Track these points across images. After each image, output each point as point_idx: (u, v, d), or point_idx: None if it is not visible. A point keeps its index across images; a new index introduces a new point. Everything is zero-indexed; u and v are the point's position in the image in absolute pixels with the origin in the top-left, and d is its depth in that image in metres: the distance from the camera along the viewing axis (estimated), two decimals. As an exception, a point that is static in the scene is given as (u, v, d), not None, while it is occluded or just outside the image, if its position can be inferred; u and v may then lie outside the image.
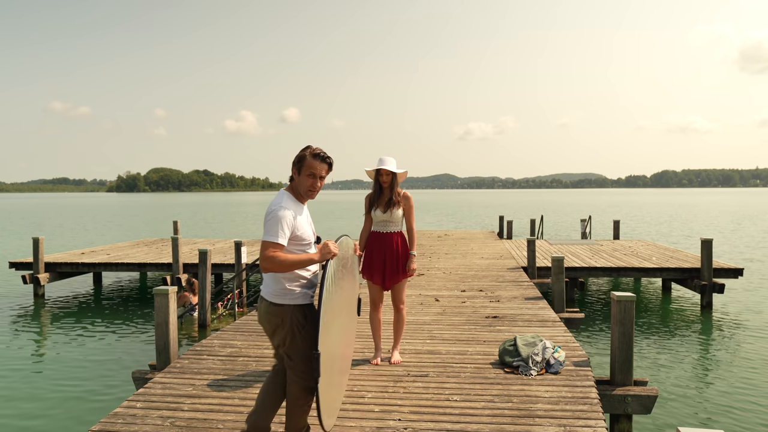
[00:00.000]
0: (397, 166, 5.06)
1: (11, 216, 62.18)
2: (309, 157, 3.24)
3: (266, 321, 3.25)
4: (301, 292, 3.25)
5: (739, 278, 12.90)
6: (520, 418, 3.94)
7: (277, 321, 3.20)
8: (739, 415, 6.51)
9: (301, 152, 3.26)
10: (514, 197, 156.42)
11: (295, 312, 3.20)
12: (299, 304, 3.23)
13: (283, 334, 3.20)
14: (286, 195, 3.26)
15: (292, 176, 3.30)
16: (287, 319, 3.19)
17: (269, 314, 3.21)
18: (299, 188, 3.29)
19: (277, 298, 3.21)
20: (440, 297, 8.41)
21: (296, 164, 3.27)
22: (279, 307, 3.20)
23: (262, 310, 3.28)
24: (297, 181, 3.29)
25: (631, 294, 5.09)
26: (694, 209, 66.72)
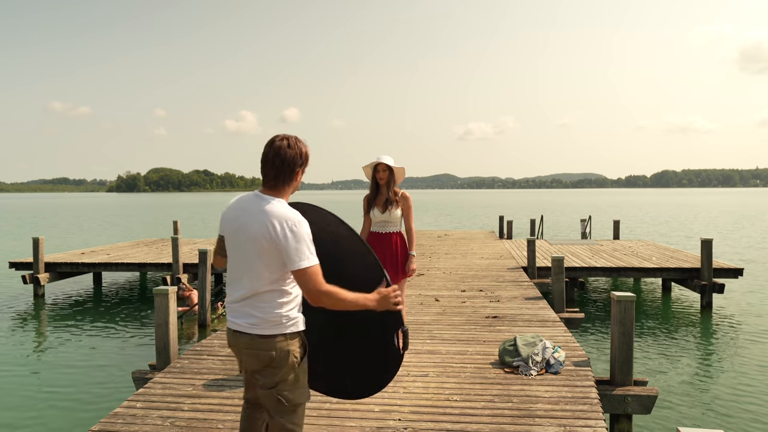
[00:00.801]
0: (395, 164, 5.05)
1: (11, 216, 62.18)
2: (309, 150, 2.69)
3: (254, 357, 2.57)
4: (300, 316, 2.65)
5: (739, 278, 12.90)
6: (520, 418, 3.94)
7: (271, 356, 2.54)
8: (739, 415, 6.51)
9: (302, 147, 2.64)
10: (514, 197, 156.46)
11: (296, 342, 2.60)
12: (299, 330, 2.63)
13: (281, 372, 2.55)
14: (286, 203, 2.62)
15: (291, 179, 2.62)
16: (287, 353, 2.55)
17: (261, 349, 2.54)
18: (293, 190, 2.69)
19: (273, 328, 2.55)
20: (440, 297, 8.41)
21: (304, 163, 2.66)
22: (276, 339, 2.54)
23: (243, 343, 2.58)
24: (298, 183, 2.68)
25: (631, 294, 5.09)
26: (694, 209, 66.73)
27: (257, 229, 2.48)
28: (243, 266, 2.55)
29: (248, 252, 2.52)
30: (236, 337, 2.59)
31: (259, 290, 2.52)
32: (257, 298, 2.53)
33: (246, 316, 2.56)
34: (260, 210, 2.51)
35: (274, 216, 2.47)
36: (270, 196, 2.57)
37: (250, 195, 2.62)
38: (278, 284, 2.52)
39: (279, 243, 2.44)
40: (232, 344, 2.63)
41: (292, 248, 2.43)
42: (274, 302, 2.53)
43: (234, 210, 2.62)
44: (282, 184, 2.60)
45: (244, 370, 2.70)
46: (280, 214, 2.47)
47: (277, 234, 2.44)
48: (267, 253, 2.47)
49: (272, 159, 2.57)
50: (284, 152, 2.57)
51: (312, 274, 2.45)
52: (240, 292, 2.57)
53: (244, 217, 2.55)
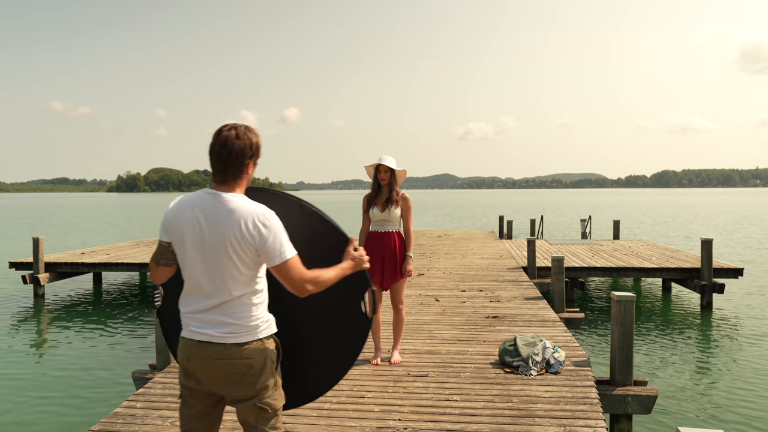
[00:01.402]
0: (397, 165, 5.06)
1: (11, 216, 62.18)
2: (261, 141, 2.46)
3: (228, 367, 2.34)
4: (272, 316, 2.49)
5: (739, 278, 12.90)
6: (520, 418, 3.94)
7: (250, 364, 2.35)
8: (739, 415, 6.51)
9: (252, 137, 2.41)
10: (514, 197, 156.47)
11: (272, 345, 2.43)
12: (273, 332, 2.46)
13: (262, 379, 2.37)
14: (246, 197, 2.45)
15: (241, 173, 2.39)
16: (266, 358, 2.38)
17: (237, 358, 2.33)
18: (247, 184, 2.48)
19: (249, 334, 2.35)
20: (440, 297, 8.41)
21: (255, 155, 2.43)
22: (252, 345, 2.35)
23: (213, 354, 2.33)
24: (250, 176, 2.46)
25: (631, 294, 5.09)
26: (694, 209, 66.74)
27: (226, 230, 2.28)
28: (210, 272, 2.32)
29: (217, 257, 2.30)
30: (203, 348, 2.33)
31: (232, 295, 2.32)
32: (230, 305, 2.33)
33: (217, 325, 2.33)
34: (224, 209, 2.30)
35: (241, 213, 2.28)
36: (227, 193, 2.35)
37: (202, 194, 2.37)
38: (250, 286, 2.35)
39: (253, 241, 2.27)
40: (196, 357, 2.35)
41: (269, 244, 2.28)
42: (248, 306, 2.35)
43: (187, 212, 2.36)
44: (232, 178, 2.37)
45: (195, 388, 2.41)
46: (248, 210, 2.29)
47: (249, 232, 2.27)
48: (239, 255, 2.29)
49: (219, 151, 2.35)
50: (232, 143, 2.34)
51: (293, 265, 2.32)
52: (208, 301, 2.34)
53: (205, 219, 2.32)
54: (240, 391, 2.37)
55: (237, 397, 2.39)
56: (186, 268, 2.38)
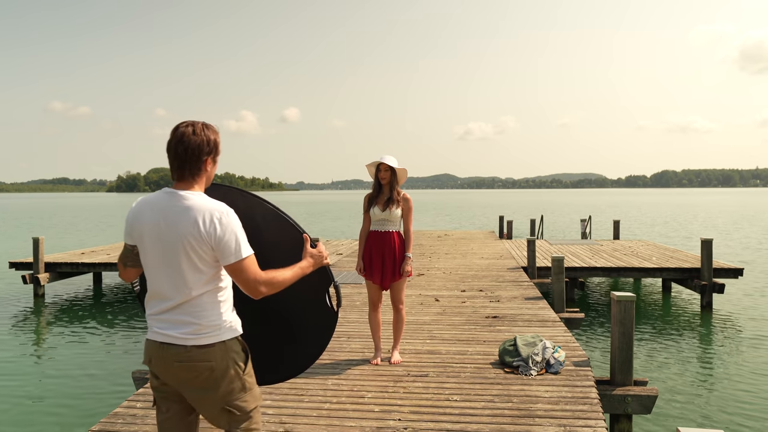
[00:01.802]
0: (398, 165, 5.05)
1: (11, 216, 62.17)
2: (219, 137, 2.42)
3: (189, 370, 2.28)
4: (236, 317, 2.42)
5: (739, 278, 12.90)
6: (520, 418, 3.94)
7: (212, 367, 2.29)
8: (739, 415, 6.51)
9: (210, 134, 2.36)
10: (514, 197, 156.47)
11: (236, 347, 2.36)
12: (238, 334, 2.39)
13: (226, 383, 2.31)
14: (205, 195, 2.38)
15: (199, 170, 2.34)
16: (229, 361, 2.31)
17: (198, 361, 2.27)
18: (207, 182, 2.43)
19: (211, 336, 2.29)
20: (440, 297, 8.41)
21: (213, 152, 2.37)
22: (214, 347, 2.29)
23: (174, 356, 2.27)
24: (210, 173, 2.41)
25: (631, 294, 5.09)
26: (694, 209, 66.73)
27: (182, 228, 2.24)
28: (170, 272, 2.28)
29: (175, 256, 2.25)
30: (164, 349, 2.28)
31: (193, 295, 2.27)
32: (191, 304, 2.27)
33: (179, 326, 2.27)
34: (181, 207, 2.26)
35: (198, 210, 2.24)
36: (184, 191, 2.30)
37: (161, 194, 2.33)
38: (212, 284, 2.30)
39: (210, 238, 2.22)
40: (157, 358, 2.30)
41: (223, 241, 2.22)
42: (210, 306, 2.29)
43: (146, 213, 2.32)
44: (190, 175, 2.32)
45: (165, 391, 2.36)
46: (205, 207, 2.25)
47: (206, 229, 2.22)
48: (197, 253, 2.24)
49: (175, 148, 2.30)
50: (188, 140, 2.29)
51: (248, 265, 2.26)
52: (169, 301, 2.28)
53: (163, 218, 2.28)
54: (203, 395, 2.31)
55: (201, 401, 2.33)
56: (147, 269, 2.34)
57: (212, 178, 2.45)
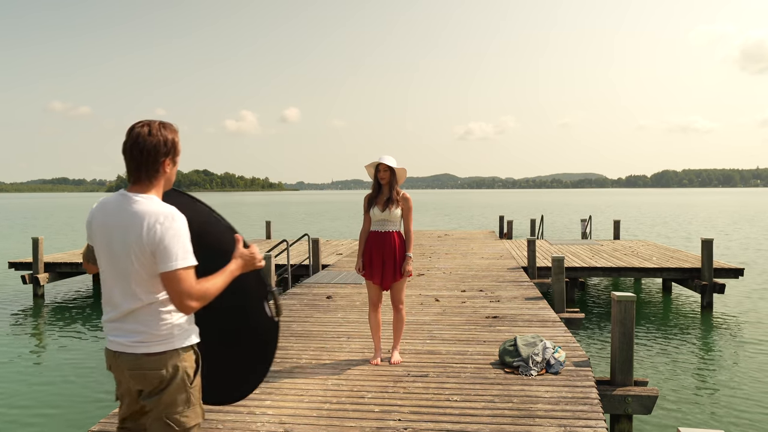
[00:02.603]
0: (397, 165, 5.05)
1: (10, 216, 62.16)
2: (178, 137, 2.33)
3: (140, 378, 2.23)
4: (194, 326, 2.34)
5: (739, 278, 12.90)
6: (520, 418, 3.93)
7: (161, 375, 2.21)
8: (740, 415, 6.50)
9: (167, 134, 2.27)
10: (515, 197, 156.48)
11: (189, 357, 2.28)
12: (193, 343, 2.32)
13: (171, 393, 2.22)
14: (158, 198, 2.28)
15: (156, 172, 2.26)
16: (178, 370, 2.23)
17: (148, 369, 2.21)
18: (167, 184, 2.35)
19: (162, 344, 2.21)
20: (440, 297, 8.41)
21: (171, 152, 2.28)
22: (165, 355, 2.22)
23: (126, 364, 2.23)
24: (170, 174, 2.33)
25: (631, 294, 5.08)
26: (695, 209, 66.73)
27: (129, 233, 2.16)
28: (119, 278, 2.21)
29: (122, 261, 2.18)
30: (117, 357, 2.24)
31: (142, 303, 2.19)
32: (141, 312, 2.20)
33: (129, 334, 2.21)
34: (129, 212, 2.18)
35: (143, 215, 2.15)
36: (137, 194, 2.22)
37: (116, 196, 2.27)
38: (162, 292, 2.21)
39: (150, 243, 2.12)
40: (113, 366, 2.29)
41: (162, 246, 2.11)
42: (160, 313, 2.20)
43: (100, 215, 2.27)
44: (146, 177, 2.23)
45: (127, 393, 2.35)
46: (151, 211, 2.15)
47: (147, 234, 2.12)
48: (139, 260, 2.15)
49: (130, 149, 2.22)
50: (143, 140, 2.21)
51: (182, 277, 2.11)
52: (119, 308, 2.22)
53: (112, 221, 2.21)
54: (149, 404, 2.24)
55: (146, 408, 2.27)
56: (101, 274, 2.30)
57: (173, 180, 2.37)
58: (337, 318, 7.08)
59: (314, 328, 6.54)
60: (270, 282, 2.36)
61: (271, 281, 2.49)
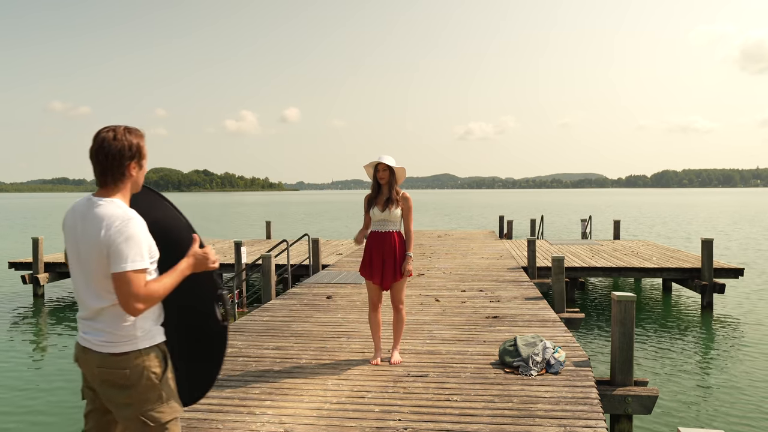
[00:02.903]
0: (396, 164, 5.05)
1: (10, 216, 62.14)
2: (144, 140, 2.39)
3: (106, 376, 2.30)
4: (157, 327, 2.41)
5: (739, 278, 12.90)
6: (520, 418, 3.93)
7: (125, 375, 2.28)
8: (739, 415, 6.51)
9: (132, 138, 2.32)
10: (515, 197, 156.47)
11: (153, 357, 2.34)
12: (156, 343, 2.37)
13: (139, 392, 2.30)
14: (122, 202, 2.32)
15: (122, 176, 2.32)
16: (144, 370, 2.29)
17: (113, 368, 2.28)
18: (134, 187, 2.40)
19: (126, 345, 2.29)
20: (440, 297, 8.41)
21: (136, 156, 2.33)
22: (129, 356, 2.28)
23: (93, 361, 2.30)
24: (136, 178, 2.38)
25: (631, 294, 5.08)
26: (695, 209, 66.72)
27: (91, 237, 2.24)
28: (85, 279, 2.29)
29: (87, 263, 2.27)
30: (85, 353, 2.33)
31: (106, 304, 2.26)
32: (106, 313, 2.27)
33: (96, 332, 2.29)
34: (92, 215, 2.26)
35: (101, 218, 2.23)
36: (102, 198, 2.29)
37: (84, 200, 2.34)
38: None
39: (107, 246, 2.20)
40: (81, 361, 2.36)
41: (113, 247, 2.18)
42: (124, 315, 2.26)
43: (69, 218, 2.35)
44: (112, 181, 2.30)
45: (90, 388, 2.41)
46: (109, 215, 2.22)
47: (105, 236, 2.20)
48: (99, 260, 2.23)
49: (96, 154, 2.29)
50: (108, 145, 2.27)
51: (130, 278, 2.17)
52: (88, 308, 2.31)
53: (79, 225, 2.29)
54: (119, 402, 2.30)
55: (117, 408, 2.32)
56: (71, 274, 2.38)
57: (141, 183, 2.42)
58: (337, 318, 7.08)
59: (314, 328, 6.54)
60: (222, 285, 2.39)
61: (222, 285, 2.49)
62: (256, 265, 12.91)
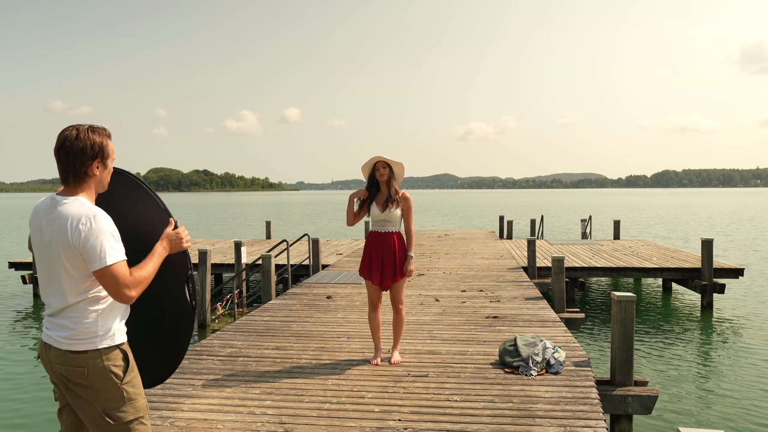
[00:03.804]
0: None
1: (10, 216, 62.15)
2: (109, 139, 2.37)
3: (66, 372, 2.31)
4: (120, 326, 2.40)
5: (739, 278, 12.90)
6: (520, 418, 3.93)
7: (83, 373, 2.29)
8: (739, 415, 6.50)
9: (95, 138, 2.31)
10: (515, 197, 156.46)
11: (114, 356, 2.34)
12: (117, 343, 2.37)
13: (100, 391, 2.30)
14: (85, 200, 2.32)
15: (85, 175, 2.31)
16: (103, 369, 2.29)
17: (72, 365, 2.28)
18: (99, 186, 2.40)
19: (85, 343, 2.29)
20: (440, 297, 8.41)
21: (99, 156, 2.32)
22: (87, 355, 2.28)
23: (54, 358, 2.31)
24: (101, 177, 2.37)
25: (631, 294, 5.08)
26: (695, 209, 66.71)
27: (55, 236, 2.25)
28: (50, 277, 2.31)
29: (52, 262, 2.28)
30: (47, 350, 2.34)
31: (70, 302, 2.28)
32: (70, 310, 2.29)
33: (59, 329, 2.30)
34: (55, 214, 2.27)
35: (66, 217, 2.23)
36: (65, 197, 2.30)
37: (48, 198, 2.35)
38: (89, 292, 2.29)
39: (77, 245, 2.21)
40: (42, 358, 2.39)
41: (87, 247, 2.19)
42: (86, 313, 2.28)
43: (34, 217, 2.37)
44: (74, 180, 2.30)
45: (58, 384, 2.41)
46: (74, 214, 2.23)
47: (71, 236, 2.21)
48: (68, 260, 2.24)
49: (57, 152, 2.29)
50: (69, 144, 2.27)
51: (114, 272, 2.21)
52: (52, 306, 2.33)
53: (43, 224, 2.31)
54: (81, 399, 2.32)
55: (79, 405, 2.34)
56: (38, 271, 2.39)
57: (106, 182, 2.41)
58: (337, 318, 7.08)
59: (314, 328, 6.54)
60: (192, 266, 2.45)
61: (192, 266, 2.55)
62: (256, 265, 12.91)
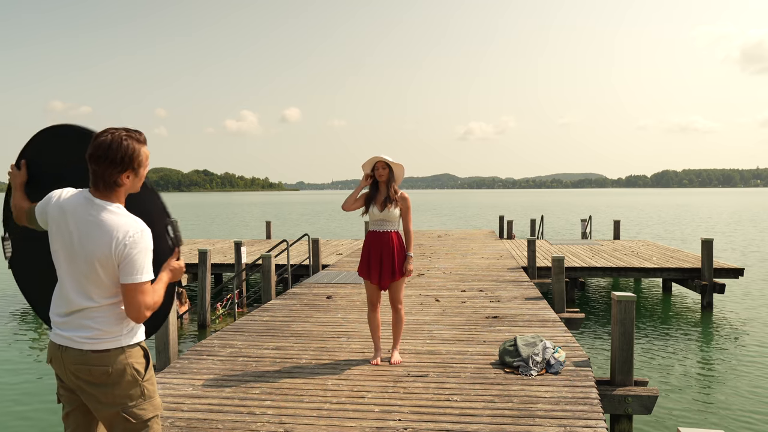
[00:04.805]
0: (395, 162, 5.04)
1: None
2: (143, 145, 2.31)
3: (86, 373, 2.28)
4: (141, 325, 2.42)
5: (739, 278, 12.90)
6: (520, 418, 3.93)
7: (107, 372, 2.27)
8: (739, 415, 6.51)
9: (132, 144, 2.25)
10: (515, 197, 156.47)
11: (136, 354, 2.34)
12: (139, 341, 2.39)
13: (122, 389, 2.29)
14: (123, 208, 2.30)
15: (116, 184, 2.27)
16: (125, 367, 2.29)
17: (94, 365, 2.26)
18: (130, 191, 2.36)
19: (110, 342, 2.28)
20: (440, 297, 8.41)
21: (129, 167, 2.26)
22: (110, 353, 2.28)
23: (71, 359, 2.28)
24: (132, 184, 2.33)
25: (631, 294, 5.09)
26: (695, 209, 66.71)
27: (96, 243, 2.21)
28: (77, 281, 2.26)
29: (83, 267, 2.24)
30: (62, 351, 2.28)
31: (95, 305, 2.26)
32: (94, 311, 2.26)
33: (79, 329, 2.26)
34: (97, 220, 2.23)
35: (113, 228, 2.21)
36: (103, 201, 2.25)
37: (80, 197, 2.29)
38: (117, 296, 2.28)
39: (118, 257, 2.20)
40: (56, 360, 2.32)
41: (128, 260, 2.19)
42: (113, 315, 2.27)
43: (59, 213, 2.29)
44: (106, 187, 2.26)
45: (67, 390, 2.39)
46: (121, 225, 2.21)
47: (117, 247, 2.19)
48: (102, 267, 2.22)
49: (89, 158, 2.25)
50: (102, 153, 2.22)
51: (143, 289, 2.22)
52: (71, 304, 2.28)
53: (73, 224, 2.25)
54: (99, 399, 2.29)
55: (97, 405, 2.31)
56: (57, 269, 2.34)
57: (138, 186, 2.37)
58: (337, 318, 7.08)
59: (314, 328, 6.54)
60: (171, 216, 2.43)
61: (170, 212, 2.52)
62: (256, 265, 12.91)
